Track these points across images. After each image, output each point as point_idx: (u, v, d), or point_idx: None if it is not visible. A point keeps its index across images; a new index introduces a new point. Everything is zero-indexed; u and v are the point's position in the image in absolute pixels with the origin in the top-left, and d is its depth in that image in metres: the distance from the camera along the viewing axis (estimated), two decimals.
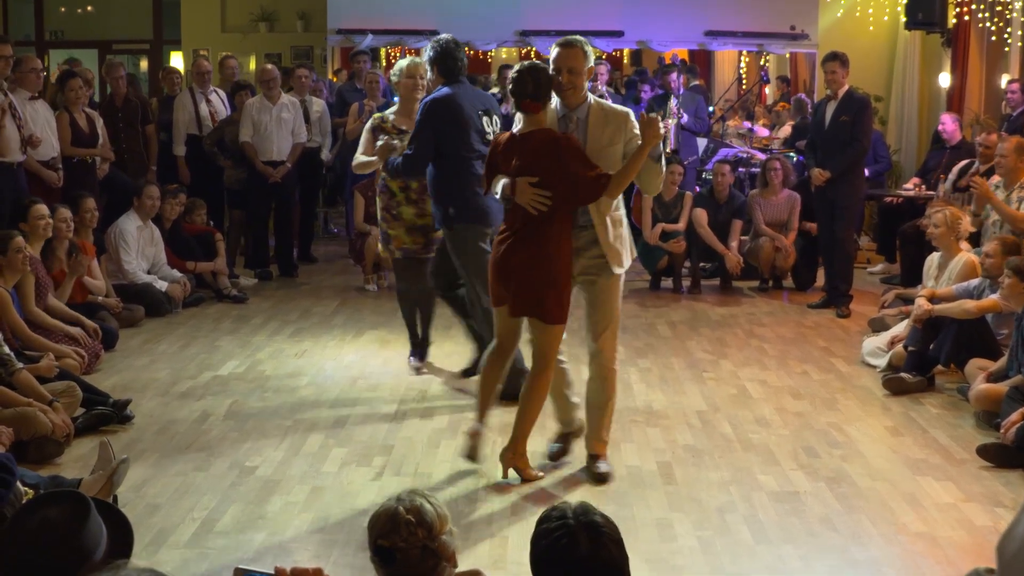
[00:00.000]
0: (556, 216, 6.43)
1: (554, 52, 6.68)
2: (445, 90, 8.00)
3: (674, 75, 14.44)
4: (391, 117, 8.71)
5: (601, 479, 6.69)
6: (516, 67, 6.68)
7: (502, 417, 7.17)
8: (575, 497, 5.72)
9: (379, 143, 8.40)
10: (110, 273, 10.63)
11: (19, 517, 3.55)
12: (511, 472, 6.70)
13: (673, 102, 14.09)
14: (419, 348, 9.15)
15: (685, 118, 14.12)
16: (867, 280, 13.00)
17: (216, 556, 5.61)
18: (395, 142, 8.30)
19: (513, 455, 6.69)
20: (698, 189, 13.40)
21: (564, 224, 6.52)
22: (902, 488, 6.59)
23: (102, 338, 9.26)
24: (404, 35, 16.45)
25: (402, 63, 8.75)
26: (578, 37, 6.78)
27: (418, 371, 8.95)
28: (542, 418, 6.92)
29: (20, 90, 10.74)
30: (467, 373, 8.66)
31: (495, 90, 14.48)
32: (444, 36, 8.18)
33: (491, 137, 7.82)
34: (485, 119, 8.03)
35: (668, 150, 13.40)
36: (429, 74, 8.28)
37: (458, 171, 7.92)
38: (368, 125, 8.79)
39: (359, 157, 8.71)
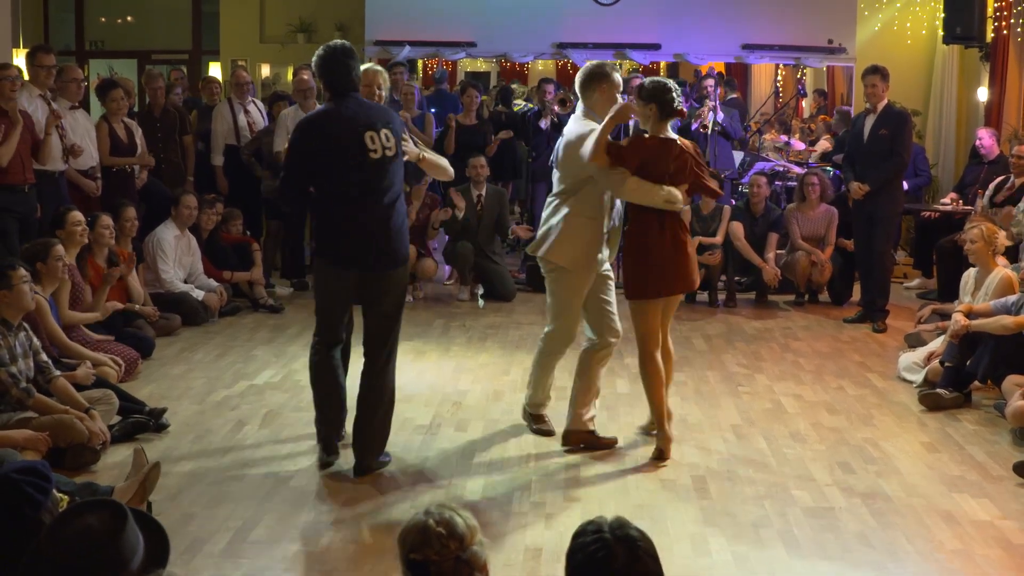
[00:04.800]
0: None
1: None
2: (320, 108, 7.14)
3: (710, 82, 14.39)
4: None
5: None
6: (658, 79, 7.38)
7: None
8: (611, 511, 5.72)
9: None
10: (147, 282, 10.69)
11: (58, 524, 3.58)
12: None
13: (710, 104, 14.03)
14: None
15: (721, 116, 14.04)
16: (904, 295, 12.96)
17: (250, 566, 5.63)
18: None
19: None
20: (733, 202, 13.37)
21: None
22: (938, 505, 6.56)
23: (138, 346, 9.34)
24: (441, 47, 16.49)
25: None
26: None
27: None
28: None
29: (61, 99, 10.82)
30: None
31: (517, 101, 14.49)
32: (333, 42, 7.04)
33: (377, 155, 6.80)
34: (369, 135, 6.80)
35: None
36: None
37: (323, 202, 6.96)
38: None
39: None
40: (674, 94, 7.15)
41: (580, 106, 7.45)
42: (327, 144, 6.81)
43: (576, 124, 7.36)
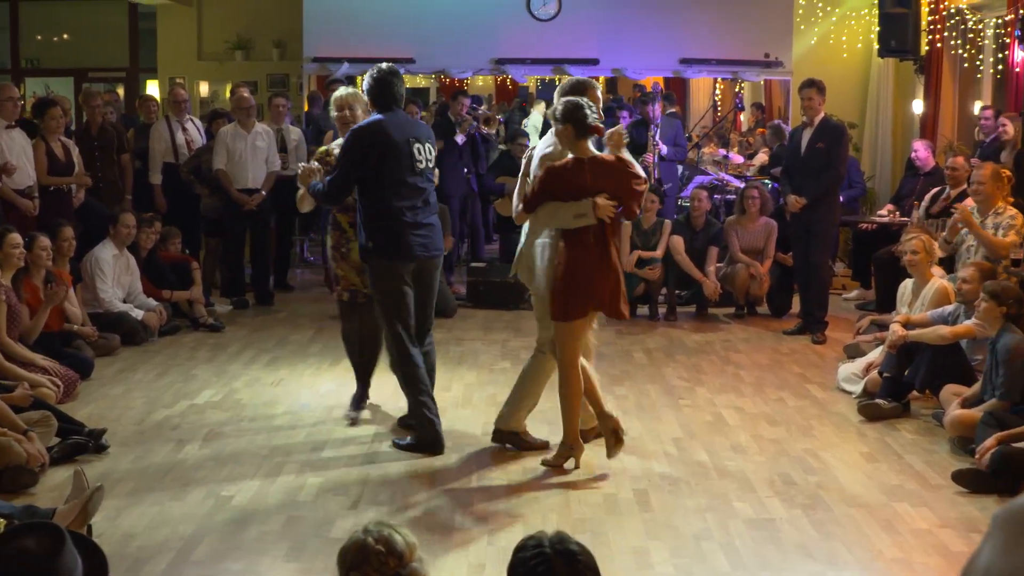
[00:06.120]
0: (616, 225, 7.33)
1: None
2: (373, 118, 7.87)
3: (654, 105, 14.48)
4: (335, 151, 8.26)
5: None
6: (571, 98, 7.28)
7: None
8: (552, 526, 5.72)
9: (301, 166, 8.31)
10: (86, 302, 10.61)
11: None
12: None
13: (654, 132, 14.13)
14: (359, 398, 8.73)
15: (665, 150, 14.19)
16: (842, 306, 13.05)
17: None
18: (314, 165, 8.18)
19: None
20: (675, 216, 13.44)
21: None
22: (878, 514, 6.61)
23: (77, 367, 9.26)
24: (380, 63, 16.45)
25: (334, 95, 8.54)
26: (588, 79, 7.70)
27: (353, 422, 8.45)
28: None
29: None
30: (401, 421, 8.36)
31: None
32: (383, 65, 8.02)
33: (422, 166, 7.78)
34: (416, 147, 7.78)
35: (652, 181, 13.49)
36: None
37: (381, 202, 7.73)
38: (313, 160, 8.48)
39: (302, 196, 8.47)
40: (587, 111, 7.16)
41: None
42: (384, 150, 7.67)
43: (542, 144, 7.53)
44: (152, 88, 19.51)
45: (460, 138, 13.94)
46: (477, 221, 14.68)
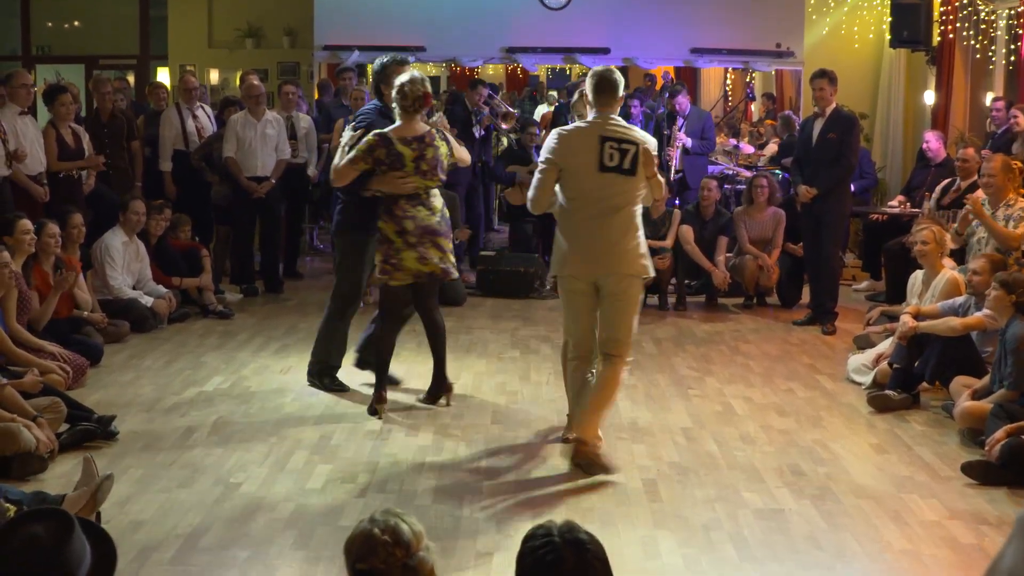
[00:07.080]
0: None
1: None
2: None
3: (681, 97, 14.37)
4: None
5: None
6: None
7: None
8: (560, 515, 5.71)
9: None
10: (95, 288, 10.61)
11: (3, 534, 3.54)
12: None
13: (679, 123, 14.03)
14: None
15: (690, 142, 14.07)
16: (852, 297, 13.03)
17: (200, 573, 5.60)
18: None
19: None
20: (677, 202, 13.39)
21: None
22: (887, 505, 6.60)
23: (86, 353, 9.27)
24: (391, 52, 16.42)
25: None
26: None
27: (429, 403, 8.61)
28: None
29: (10, 105, 10.75)
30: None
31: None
32: (380, 58, 8.79)
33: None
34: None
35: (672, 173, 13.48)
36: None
37: None
38: None
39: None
40: None
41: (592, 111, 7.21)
42: None
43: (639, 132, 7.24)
44: (162, 76, 19.51)
45: (478, 131, 13.93)
46: (480, 210, 14.69)
